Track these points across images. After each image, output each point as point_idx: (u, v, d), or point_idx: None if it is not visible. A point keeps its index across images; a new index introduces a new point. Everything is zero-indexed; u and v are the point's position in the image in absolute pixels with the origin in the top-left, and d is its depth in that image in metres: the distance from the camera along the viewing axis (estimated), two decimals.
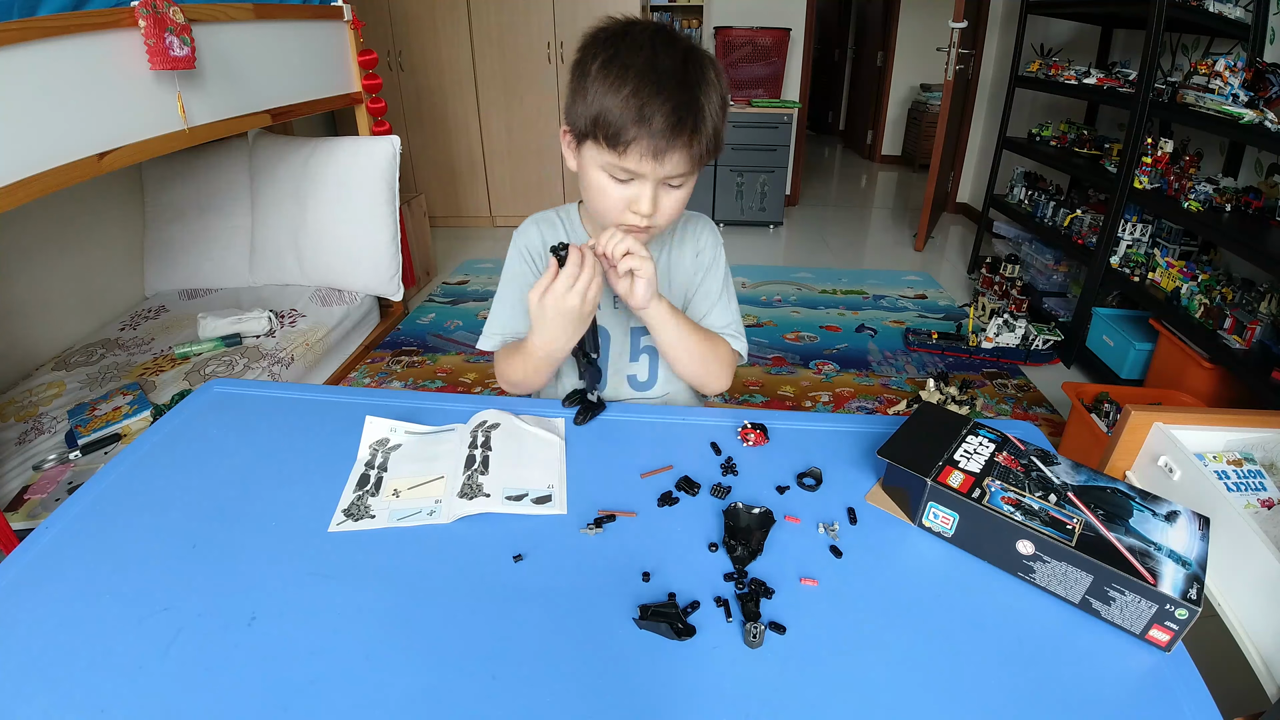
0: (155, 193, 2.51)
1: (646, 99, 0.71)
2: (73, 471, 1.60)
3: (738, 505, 0.71)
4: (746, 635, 0.57)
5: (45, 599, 0.62)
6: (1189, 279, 2.15)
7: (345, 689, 0.54)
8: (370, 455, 0.81)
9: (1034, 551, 0.62)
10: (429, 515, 0.71)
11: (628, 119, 0.72)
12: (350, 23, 2.47)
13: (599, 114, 0.73)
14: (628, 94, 0.71)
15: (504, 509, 0.71)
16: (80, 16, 1.44)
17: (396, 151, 2.48)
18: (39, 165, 1.38)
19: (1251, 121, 1.80)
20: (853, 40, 6.91)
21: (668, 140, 0.72)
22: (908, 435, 0.75)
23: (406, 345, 2.79)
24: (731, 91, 4.27)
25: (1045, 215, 2.98)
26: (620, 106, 0.72)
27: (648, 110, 0.71)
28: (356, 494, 0.75)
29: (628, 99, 0.71)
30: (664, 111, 0.71)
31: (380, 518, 0.71)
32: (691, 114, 0.73)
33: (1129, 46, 3.03)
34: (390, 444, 0.83)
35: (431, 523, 0.70)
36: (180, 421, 0.88)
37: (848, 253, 3.99)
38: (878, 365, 2.65)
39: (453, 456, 0.79)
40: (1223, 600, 0.99)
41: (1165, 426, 1.15)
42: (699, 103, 0.73)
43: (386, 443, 0.83)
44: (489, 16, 3.74)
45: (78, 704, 0.52)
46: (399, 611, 0.60)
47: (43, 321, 2.14)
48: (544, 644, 0.57)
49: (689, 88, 0.73)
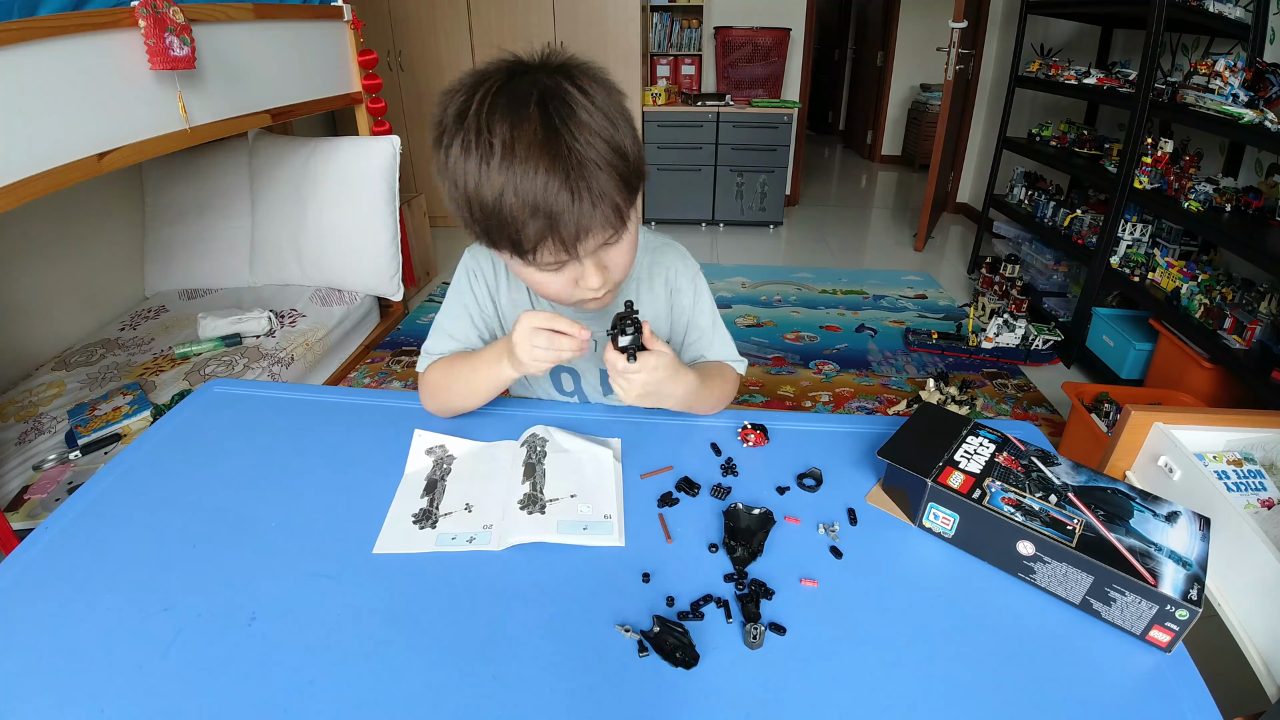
0: (155, 193, 2.51)
1: (520, 197, 0.60)
2: (73, 471, 1.60)
3: (738, 506, 0.71)
4: (747, 636, 0.57)
5: (45, 599, 0.62)
6: (1189, 279, 2.15)
7: (345, 689, 0.54)
8: (429, 468, 0.77)
9: (1034, 552, 0.62)
10: (468, 542, 0.67)
11: (517, 225, 0.61)
12: (350, 23, 2.47)
13: (486, 225, 0.64)
14: (498, 199, 0.61)
15: (559, 539, 0.67)
16: (80, 16, 1.44)
17: (396, 151, 2.48)
18: (39, 165, 1.38)
19: (1251, 121, 1.80)
20: (853, 40, 6.91)
21: (575, 229, 0.62)
22: (908, 435, 0.75)
23: (407, 345, 2.79)
24: (732, 91, 4.30)
25: (1045, 215, 2.98)
26: (500, 214, 0.62)
27: (529, 210, 0.60)
28: (418, 509, 0.71)
29: (501, 205, 0.61)
30: (549, 210, 0.60)
31: (426, 541, 0.67)
32: (583, 181, 0.60)
33: (1129, 46, 3.03)
34: (447, 454, 0.80)
35: (481, 549, 0.67)
36: (180, 421, 0.88)
37: (848, 253, 3.99)
38: (878, 365, 2.65)
39: (504, 475, 0.75)
40: (1223, 600, 0.99)
41: (1165, 426, 1.15)
42: (582, 163, 0.60)
43: (444, 453, 0.80)
44: (489, 16, 3.74)
45: (78, 704, 0.52)
46: (399, 611, 0.60)
47: (43, 321, 2.14)
48: (544, 644, 0.57)
49: (561, 152, 0.59)
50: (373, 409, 0.90)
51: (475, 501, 0.73)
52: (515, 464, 0.76)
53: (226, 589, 0.62)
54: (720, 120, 3.99)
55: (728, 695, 0.53)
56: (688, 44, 4.36)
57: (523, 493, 0.72)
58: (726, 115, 3.98)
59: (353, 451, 0.82)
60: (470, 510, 0.72)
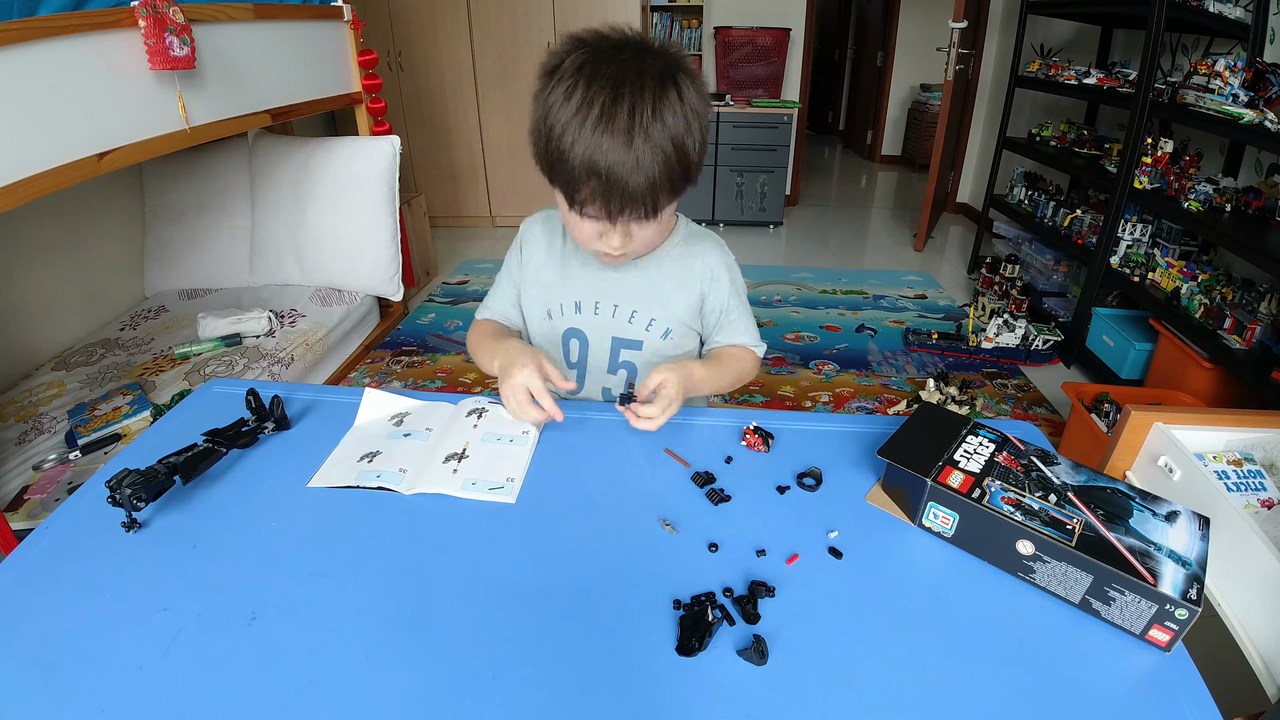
0: (155, 193, 2.51)
1: (592, 161, 0.69)
2: (73, 471, 1.60)
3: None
4: (751, 655, 0.56)
5: (45, 599, 0.62)
6: (1189, 279, 2.15)
7: (345, 689, 0.54)
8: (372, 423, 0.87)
9: (1034, 552, 0.62)
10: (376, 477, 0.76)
11: (577, 179, 0.71)
12: (350, 23, 2.47)
13: (553, 164, 0.73)
14: (574, 151, 0.69)
15: (460, 494, 0.74)
16: (80, 16, 1.44)
17: (396, 151, 2.48)
18: (39, 165, 1.38)
19: (1251, 121, 1.80)
20: (853, 40, 6.90)
21: (620, 204, 0.72)
22: (908, 435, 0.75)
23: (406, 345, 2.79)
24: (732, 91, 4.30)
25: (1045, 215, 2.98)
26: (568, 164, 0.70)
27: (593, 173, 0.69)
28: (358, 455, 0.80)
29: (573, 157, 0.69)
30: (608, 179, 0.69)
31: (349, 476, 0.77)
32: (641, 173, 0.69)
33: (1129, 46, 3.03)
34: (393, 413, 0.89)
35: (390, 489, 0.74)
36: (180, 421, 0.88)
37: (848, 253, 3.99)
38: (878, 365, 2.65)
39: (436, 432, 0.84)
40: (1223, 600, 0.99)
41: (1165, 426, 1.15)
42: (646, 158, 0.69)
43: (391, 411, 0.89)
44: (489, 16, 3.74)
45: (78, 704, 0.52)
46: (399, 611, 0.60)
47: (43, 321, 2.14)
48: (544, 644, 0.57)
49: (633, 144, 0.68)
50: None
51: (401, 450, 0.81)
52: (449, 425, 0.85)
53: (226, 589, 0.62)
54: (720, 120, 3.99)
55: (727, 694, 0.53)
56: (688, 44, 4.36)
57: (448, 451, 0.80)
58: (726, 115, 3.98)
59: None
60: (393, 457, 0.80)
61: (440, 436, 0.83)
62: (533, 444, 0.82)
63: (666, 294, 0.94)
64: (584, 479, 0.77)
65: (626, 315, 0.94)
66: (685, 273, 0.95)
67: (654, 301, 0.94)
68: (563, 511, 0.73)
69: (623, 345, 0.96)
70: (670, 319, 0.95)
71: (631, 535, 0.69)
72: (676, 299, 0.95)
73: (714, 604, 0.60)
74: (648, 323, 0.94)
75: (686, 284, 0.95)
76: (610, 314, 0.94)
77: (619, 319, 0.95)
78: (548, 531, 0.70)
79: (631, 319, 0.94)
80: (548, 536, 0.69)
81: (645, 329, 0.95)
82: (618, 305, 0.94)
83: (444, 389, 2.47)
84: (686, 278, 0.95)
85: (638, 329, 0.95)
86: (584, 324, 0.96)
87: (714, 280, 0.96)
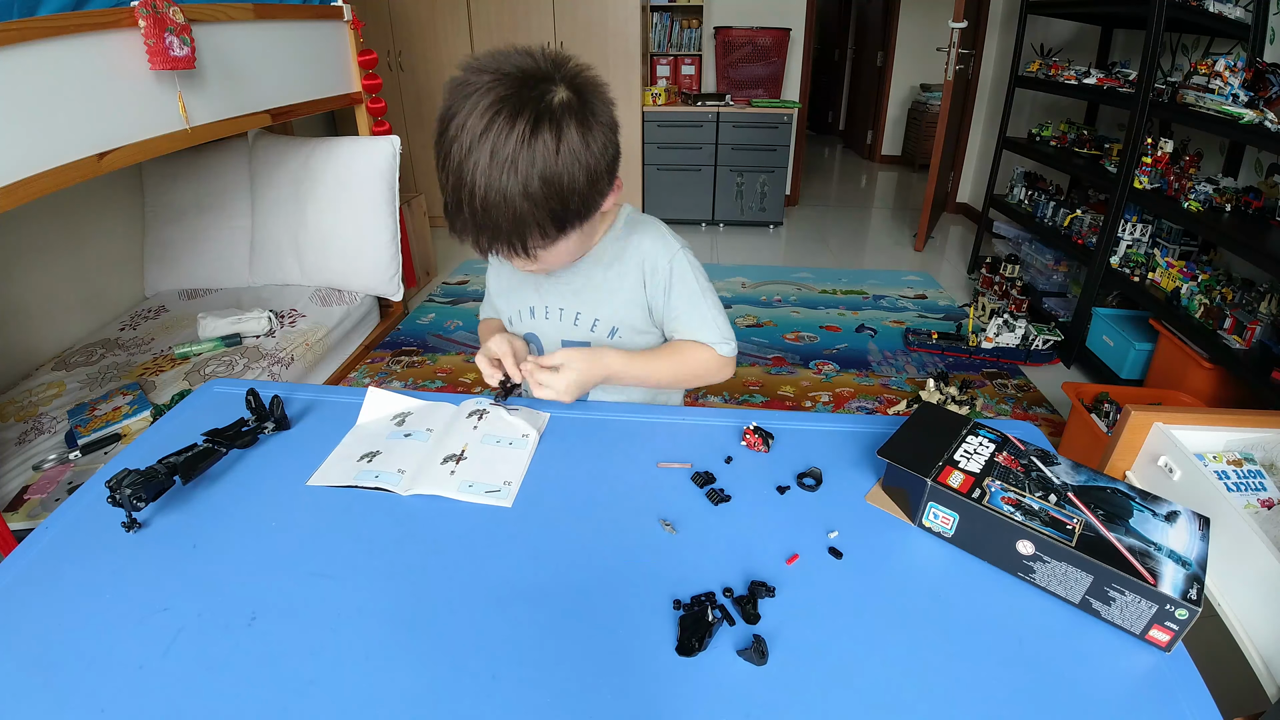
0: (155, 193, 2.51)
1: (457, 197, 0.70)
2: (73, 471, 1.60)
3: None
4: (751, 655, 0.56)
5: (45, 599, 0.62)
6: (1189, 279, 2.15)
7: (345, 689, 0.54)
8: (373, 423, 0.87)
9: (1034, 552, 0.62)
10: (374, 477, 0.76)
11: (452, 212, 0.73)
12: (350, 23, 2.47)
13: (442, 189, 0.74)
14: (447, 186, 0.71)
15: (457, 496, 0.74)
16: (80, 16, 1.44)
17: (396, 151, 2.48)
18: (39, 165, 1.38)
19: (1251, 121, 1.80)
20: (853, 40, 6.90)
21: (488, 240, 0.73)
22: (908, 435, 0.75)
23: (406, 345, 2.79)
24: (732, 91, 4.30)
25: (1045, 215, 2.98)
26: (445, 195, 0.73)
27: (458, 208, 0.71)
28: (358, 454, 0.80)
29: (446, 191, 0.72)
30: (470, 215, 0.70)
31: (347, 476, 0.77)
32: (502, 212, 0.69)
33: (1129, 46, 3.03)
34: (395, 412, 0.89)
35: (388, 489, 0.75)
36: (180, 421, 0.88)
37: (848, 253, 3.99)
38: (878, 365, 2.65)
39: (436, 434, 0.84)
40: (1223, 600, 0.99)
41: (1165, 426, 1.15)
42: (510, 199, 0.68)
43: (393, 410, 0.90)
44: (489, 16, 3.74)
45: (78, 704, 0.52)
46: (399, 611, 0.60)
47: (43, 321, 2.14)
48: (544, 644, 0.57)
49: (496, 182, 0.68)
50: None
51: (401, 450, 0.81)
52: (450, 426, 0.85)
53: (226, 589, 0.62)
54: (720, 120, 3.99)
55: (727, 694, 0.53)
56: (688, 44, 4.36)
57: (446, 452, 0.80)
58: (726, 115, 3.98)
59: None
60: (392, 457, 0.80)
61: (440, 437, 0.83)
62: (532, 448, 0.82)
63: (607, 293, 0.92)
64: (584, 479, 0.77)
65: (572, 318, 0.94)
66: (623, 267, 0.91)
67: (594, 302, 0.92)
68: (563, 511, 0.72)
69: (573, 348, 0.93)
70: (613, 317, 0.93)
71: (631, 535, 0.69)
72: (619, 296, 0.92)
73: (714, 604, 0.60)
74: (592, 323, 0.93)
75: (625, 278, 0.92)
76: (558, 318, 0.95)
77: (565, 322, 0.95)
78: (548, 531, 0.70)
79: (576, 321, 0.94)
80: (548, 536, 0.69)
81: (590, 330, 0.94)
82: (563, 309, 0.94)
83: (444, 389, 2.47)
84: (625, 272, 0.91)
85: (583, 331, 0.94)
86: (538, 329, 0.97)
87: (652, 271, 0.91)
